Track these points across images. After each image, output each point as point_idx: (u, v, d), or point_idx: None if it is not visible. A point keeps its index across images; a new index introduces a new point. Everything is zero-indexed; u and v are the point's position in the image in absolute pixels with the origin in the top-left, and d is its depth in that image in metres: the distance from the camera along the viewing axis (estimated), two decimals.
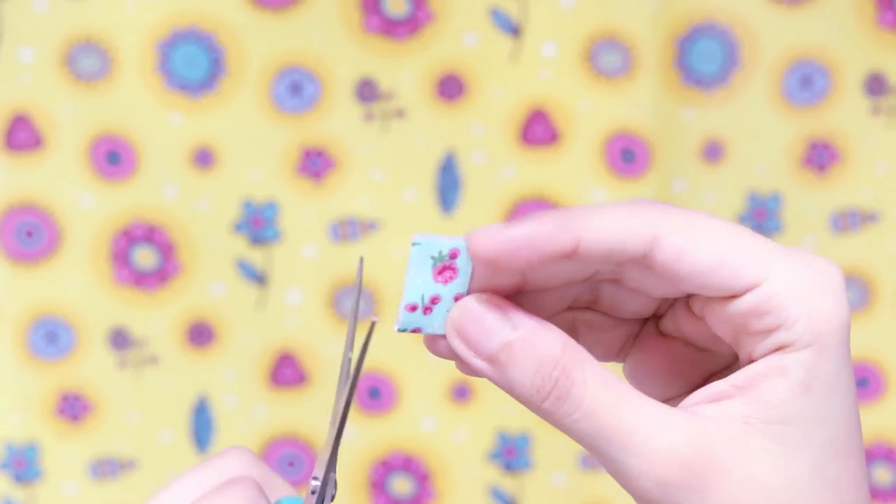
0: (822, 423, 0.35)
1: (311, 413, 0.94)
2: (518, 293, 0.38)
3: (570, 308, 0.40)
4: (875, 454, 0.96)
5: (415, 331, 0.37)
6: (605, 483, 0.95)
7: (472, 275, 0.37)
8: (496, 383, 0.36)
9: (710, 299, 0.37)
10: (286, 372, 0.93)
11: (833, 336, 0.35)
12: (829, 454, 0.36)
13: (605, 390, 0.36)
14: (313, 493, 0.38)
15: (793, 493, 0.35)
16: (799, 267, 0.36)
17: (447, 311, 0.37)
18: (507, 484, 0.95)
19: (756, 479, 0.35)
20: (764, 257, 0.36)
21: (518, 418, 0.94)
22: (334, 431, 0.38)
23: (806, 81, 0.91)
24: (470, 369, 0.38)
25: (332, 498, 0.38)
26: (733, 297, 0.36)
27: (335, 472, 0.38)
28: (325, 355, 0.93)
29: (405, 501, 0.95)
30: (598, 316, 0.41)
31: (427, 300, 0.37)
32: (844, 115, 0.92)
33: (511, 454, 0.94)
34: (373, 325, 0.36)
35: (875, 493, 0.97)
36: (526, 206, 0.92)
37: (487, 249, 0.36)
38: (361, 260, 0.40)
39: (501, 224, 0.36)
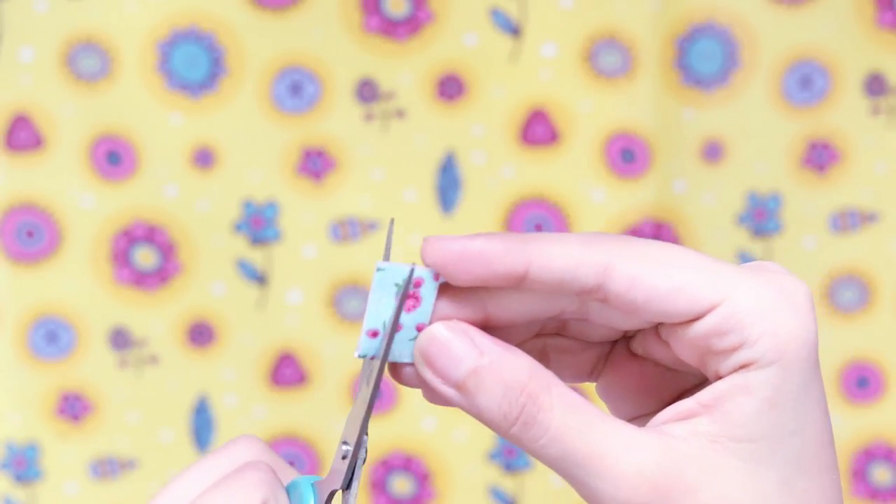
0: (790, 438, 0.35)
1: (311, 413, 0.94)
2: (483, 328, 0.37)
3: (538, 335, 0.40)
4: (875, 454, 0.96)
5: (374, 357, 0.37)
6: None
7: (435, 305, 0.37)
8: (465, 410, 0.36)
9: (673, 325, 0.37)
10: (286, 372, 0.94)
11: (798, 353, 0.35)
12: (797, 469, 0.36)
13: (573, 414, 0.35)
14: (344, 458, 0.38)
15: None
16: (760, 285, 0.36)
17: (409, 339, 0.37)
18: (507, 484, 0.95)
19: (724, 497, 0.35)
20: (722, 278, 0.35)
21: None
22: (368, 391, 0.37)
23: (806, 81, 0.91)
24: (437, 397, 0.38)
25: (364, 461, 0.38)
26: (694, 320, 0.36)
27: (367, 434, 0.38)
28: (325, 355, 0.93)
29: (405, 501, 0.95)
30: (568, 340, 0.41)
31: (380, 327, 0.37)
32: (844, 115, 0.92)
33: (511, 454, 0.95)
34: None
35: (875, 492, 0.97)
36: (526, 206, 0.92)
37: (437, 256, 0.36)
38: (392, 221, 0.39)
39: (457, 235, 0.36)
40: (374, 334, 0.37)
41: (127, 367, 0.93)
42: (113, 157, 0.90)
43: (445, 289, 0.37)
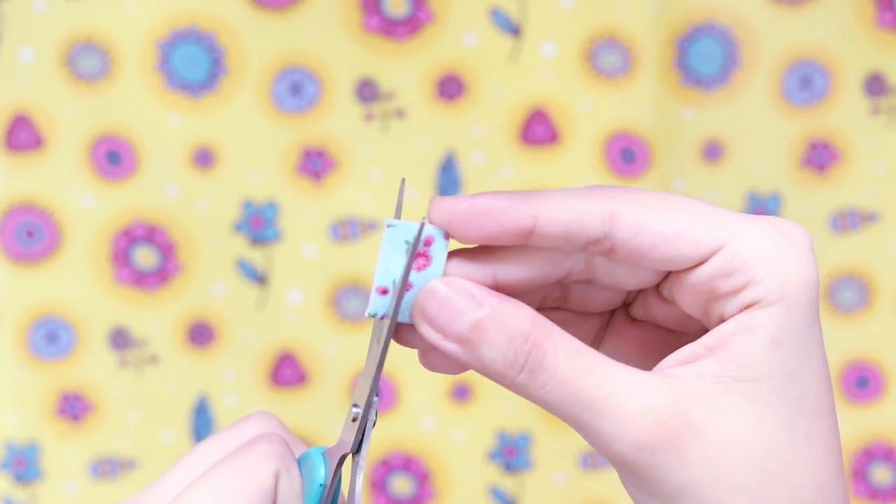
0: (793, 378, 0.36)
1: (311, 413, 0.94)
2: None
3: (539, 308, 0.40)
4: (875, 454, 0.96)
5: (384, 317, 0.37)
6: (605, 483, 0.95)
7: (445, 268, 0.37)
8: (466, 363, 0.36)
9: (678, 274, 0.37)
10: (286, 372, 0.94)
11: (802, 293, 0.35)
12: (800, 411, 0.36)
13: (577, 358, 0.36)
14: (354, 420, 0.38)
15: (766, 449, 0.35)
16: (763, 228, 0.36)
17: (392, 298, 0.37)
18: (507, 484, 0.95)
19: (729, 436, 0.35)
20: (725, 222, 0.36)
21: (518, 418, 0.94)
22: (378, 350, 0.37)
23: (806, 81, 0.91)
24: (436, 360, 0.38)
25: (374, 424, 0.38)
26: (699, 264, 0.36)
27: (378, 395, 0.38)
28: (325, 355, 0.93)
29: (405, 501, 0.95)
30: (569, 313, 0.41)
31: (390, 284, 0.37)
32: (844, 115, 0.92)
33: (511, 454, 0.95)
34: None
35: (875, 492, 0.97)
36: None
37: (444, 214, 0.36)
38: (403, 181, 0.39)
39: (463, 195, 0.36)
40: (384, 292, 0.37)
41: (127, 367, 0.93)
42: (113, 157, 0.90)
43: (454, 253, 0.37)
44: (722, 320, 0.36)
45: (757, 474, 0.35)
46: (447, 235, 0.36)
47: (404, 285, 0.36)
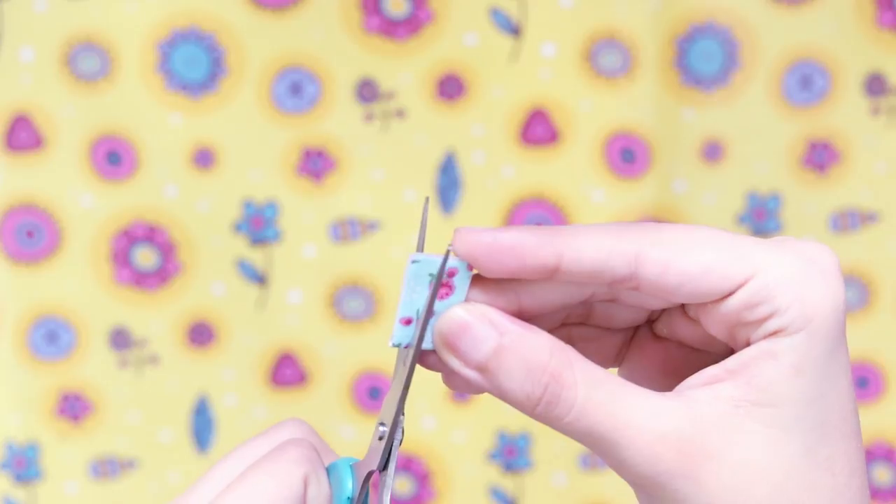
0: (813, 404, 0.36)
1: (311, 413, 0.94)
2: (516, 316, 0.38)
3: (562, 324, 0.40)
4: (875, 454, 0.96)
5: (407, 346, 0.37)
6: (605, 483, 0.95)
7: (468, 294, 0.37)
8: (489, 392, 0.37)
9: (704, 304, 0.37)
10: (286, 372, 0.94)
11: (826, 319, 0.36)
12: (821, 436, 0.36)
13: (596, 389, 0.36)
14: (381, 438, 0.38)
15: (785, 474, 0.36)
16: (788, 256, 0.36)
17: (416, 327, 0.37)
18: (507, 484, 0.95)
19: (747, 462, 0.35)
20: (749, 253, 0.36)
21: (518, 418, 0.94)
22: (405, 372, 0.37)
23: (806, 81, 0.91)
24: (458, 382, 0.38)
25: (400, 442, 0.38)
26: (726, 296, 0.36)
27: (404, 415, 0.38)
28: (325, 355, 0.93)
29: (405, 501, 0.95)
30: (593, 329, 0.41)
31: (422, 315, 0.37)
32: (844, 115, 0.92)
33: (511, 454, 0.94)
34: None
35: (875, 493, 0.97)
36: (526, 206, 0.92)
37: (468, 247, 0.36)
38: (427, 200, 0.39)
39: (488, 228, 0.36)
40: (408, 322, 0.37)
41: (127, 367, 0.93)
42: (113, 157, 0.90)
43: (478, 278, 0.37)
44: (747, 344, 0.37)
45: (775, 499, 0.35)
46: (470, 266, 0.37)
47: (428, 316, 0.36)
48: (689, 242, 0.36)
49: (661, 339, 0.41)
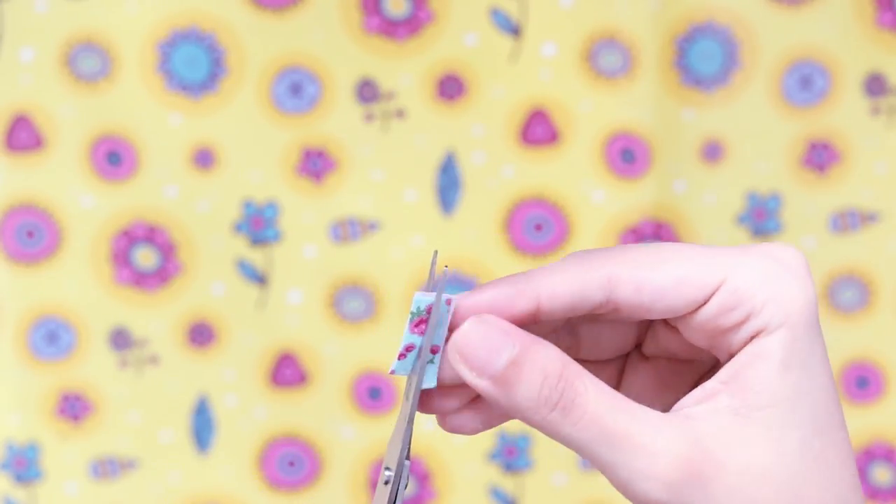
0: (804, 398, 0.37)
1: (311, 413, 0.94)
2: None
3: None
4: (875, 454, 0.96)
5: (410, 374, 0.39)
6: (605, 483, 0.95)
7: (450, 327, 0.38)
8: (496, 401, 0.37)
9: (684, 315, 0.38)
10: (286, 372, 0.94)
11: (801, 314, 0.37)
12: (813, 429, 0.37)
13: (605, 398, 0.37)
14: (386, 483, 0.38)
15: (786, 472, 0.36)
16: (755, 259, 0.37)
17: (426, 362, 0.38)
18: (507, 484, 0.95)
19: (751, 466, 0.36)
20: (718, 261, 0.37)
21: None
22: (408, 408, 0.38)
23: (806, 82, 0.91)
24: (456, 423, 0.40)
25: (406, 486, 0.39)
26: (702, 305, 0.37)
27: (409, 459, 0.39)
28: (325, 355, 0.93)
29: (405, 501, 0.95)
30: (583, 363, 0.41)
31: (402, 348, 0.38)
32: (844, 115, 0.92)
33: (511, 454, 0.95)
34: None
35: (875, 493, 0.97)
36: (526, 206, 0.92)
37: (458, 318, 0.38)
38: (436, 253, 0.40)
39: (467, 292, 0.38)
40: (407, 350, 0.39)
41: (127, 368, 0.93)
42: (113, 158, 0.90)
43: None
44: (730, 353, 0.38)
45: (780, 498, 0.36)
46: (448, 301, 0.38)
47: (423, 355, 0.38)
48: (658, 259, 0.38)
49: (650, 360, 0.42)
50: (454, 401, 0.40)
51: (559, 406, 0.36)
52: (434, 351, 0.38)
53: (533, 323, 0.38)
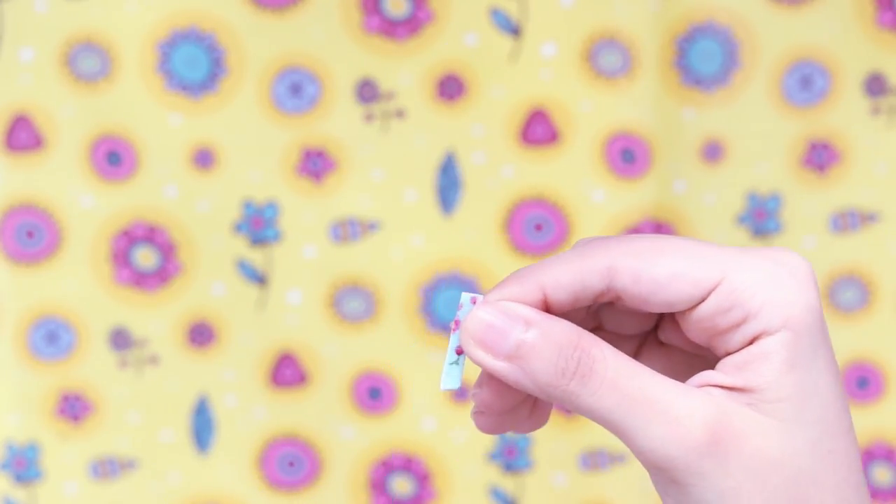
0: (812, 399, 0.37)
1: (311, 413, 0.94)
2: None
3: None
4: (875, 454, 0.96)
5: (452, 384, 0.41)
6: (605, 483, 0.95)
7: (489, 295, 0.40)
8: (517, 381, 0.38)
9: (682, 311, 0.38)
10: (286, 372, 0.94)
11: (802, 319, 0.37)
12: (823, 431, 0.37)
13: (625, 365, 0.37)
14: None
15: (795, 467, 0.36)
16: (755, 261, 0.37)
17: (449, 363, 0.40)
18: (507, 484, 0.95)
19: (765, 450, 0.36)
20: (717, 260, 0.37)
21: None
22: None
23: (806, 82, 0.91)
24: (489, 421, 0.41)
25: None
26: (699, 303, 0.37)
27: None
28: (325, 355, 0.93)
29: (405, 501, 0.95)
30: (607, 334, 0.43)
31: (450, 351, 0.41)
32: (844, 115, 0.92)
33: (511, 454, 0.95)
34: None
35: (875, 493, 0.97)
36: (526, 206, 0.92)
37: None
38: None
39: (484, 294, 0.39)
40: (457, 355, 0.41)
41: (127, 368, 0.93)
42: (113, 158, 0.90)
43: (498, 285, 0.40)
44: (727, 353, 0.38)
45: (787, 492, 0.36)
46: (473, 300, 0.40)
47: (453, 348, 0.40)
48: (659, 250, 0.38)
49: (664, 346, 0.42)
50: (523, 411, 0.42)
51: (577, 374, 0.37)
52: (459, 352, 0.39)
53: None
